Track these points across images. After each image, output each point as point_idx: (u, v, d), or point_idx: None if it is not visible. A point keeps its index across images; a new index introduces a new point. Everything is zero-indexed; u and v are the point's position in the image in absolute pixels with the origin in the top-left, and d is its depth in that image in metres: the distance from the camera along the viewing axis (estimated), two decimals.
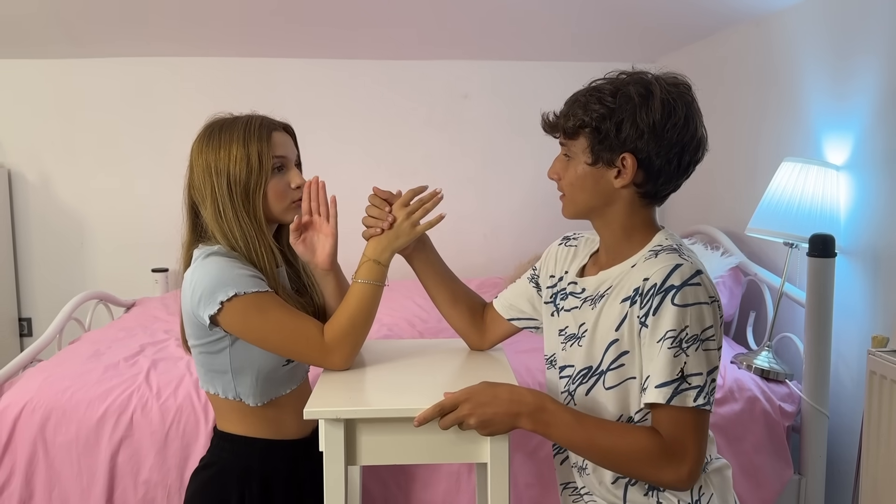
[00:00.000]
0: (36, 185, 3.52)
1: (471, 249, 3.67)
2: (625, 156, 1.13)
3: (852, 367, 2.11)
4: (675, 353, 1.06)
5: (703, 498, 1.15)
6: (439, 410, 1.12)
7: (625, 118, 1.11)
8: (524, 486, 1.86)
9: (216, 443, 1.41)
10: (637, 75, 1.16)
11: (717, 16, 2.81)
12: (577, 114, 1.15)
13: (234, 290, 1.26)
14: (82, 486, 1.79)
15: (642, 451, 1.07)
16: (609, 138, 1.13)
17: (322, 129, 3.57)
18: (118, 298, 2.98)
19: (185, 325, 1.36)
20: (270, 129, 1.36)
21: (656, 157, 1.13)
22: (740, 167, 2.82)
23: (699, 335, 1.07)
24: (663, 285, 1.08)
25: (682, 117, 1.12)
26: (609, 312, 1.16)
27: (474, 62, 3.60)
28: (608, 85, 1.15)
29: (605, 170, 1.15)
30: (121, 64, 3.47)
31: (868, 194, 2.06)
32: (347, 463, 1.16)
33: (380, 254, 1.35)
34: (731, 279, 2.51)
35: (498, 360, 1.44)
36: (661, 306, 1.07)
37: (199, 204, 1.35)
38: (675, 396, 1.06)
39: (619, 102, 1.12)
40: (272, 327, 1.28)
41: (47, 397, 1.84)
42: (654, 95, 1.11)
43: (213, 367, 1.34)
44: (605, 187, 1.17)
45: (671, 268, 1.09)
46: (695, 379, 1.06)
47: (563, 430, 1.10)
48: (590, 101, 1.14)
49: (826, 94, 2.26)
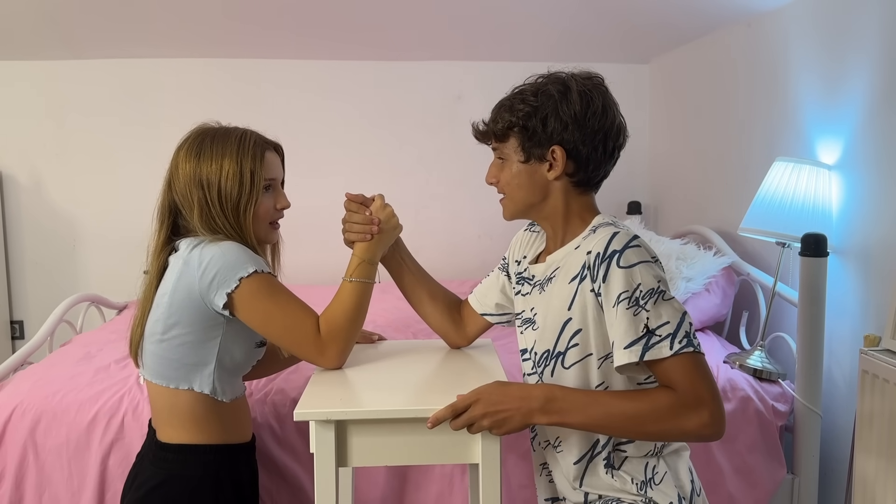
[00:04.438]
0: (28, 187, 3.50)
1: (465, 251, 3.67)
2: (554, 149, 1.21)
3: (845, 367, 2.11)
4: (634, 312, 1.09)
5: (656, 476, 1.19)
6: (452, 412, 1.12)
7: (549, 113, 1.20)
8: (518, 488, 1.86)
9: (170, 456, 1.36)
10: (554, 75, 1.26)
11: (709, 16, 2.82)
12: (504, 116, 1.25)
13: (253, 267, 1.28)
14: (73, 489, 1.78)
15: (662, 407, 1.08)
16: (537, 134, 1.21)
17: (315, 131, 3.56)
18: (110, 301, 2.97)
19: (160, 316, 1.32)
20: (264, 148, 1.37)
21: (582, 145, 1.21)
22: (732, 167, 2.82)
23: (655, 289, 1.10)
24: (606, 252, 1.13)
25: (599, 106, 1.21)
26: (559, 293, 1.21)
27: (467, 63, 3.60)
28: (529, 87, 1.25)
29: (538, 165, 1.24)
30: (113, 65, 3.46)
31: (860, 194, 2.07)
32: (338, 464, 1.16)
33: (372, 254, 1.38)
34: (724, 279, 2.51)
35: (489, 359, 1.43)
36: (608, 272, 1.12)
37: (184, 208, 1.34)
38: (647, 352, 1.08)
39: (541, 100, 1.21)
40: (279, 310, 1.30)
41: (38, 400, 1.83)
42: (571, 90, 1.21)
43: (193, 360, 1.32)
44: (539, 181, 1.25)
45: (609, 236, 1.14)
46: (663, 329, 1.08)
47: (579, 411, 1.11)
48: (514, 103, 1.24)
49: (818, 94, 2.26)
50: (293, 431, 1.79)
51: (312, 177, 3.49)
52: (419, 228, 3.55)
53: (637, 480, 1.19)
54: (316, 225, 3.30)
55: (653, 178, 3.66)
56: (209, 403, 1.35)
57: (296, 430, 1.79)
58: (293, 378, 1.89)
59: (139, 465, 1.43)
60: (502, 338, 2.22)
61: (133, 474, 1.44)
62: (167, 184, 1.37)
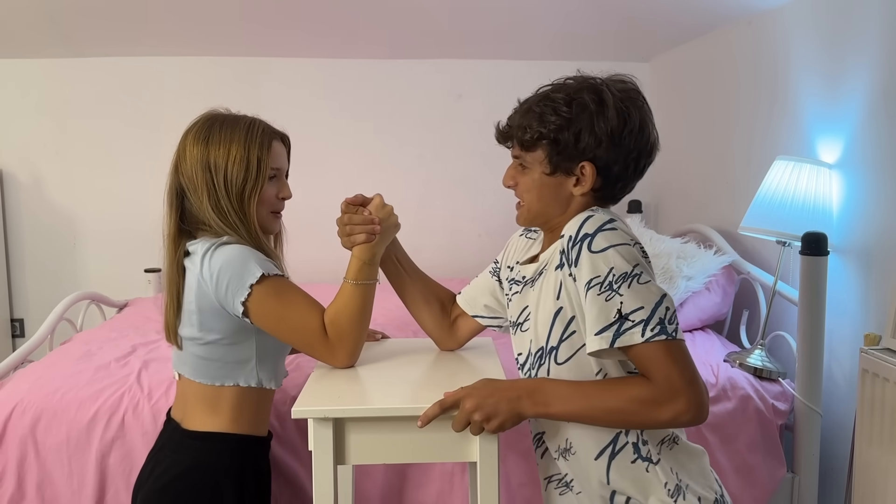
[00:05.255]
0: (28, 185, 3.50)
1: (465, 249, 3.67)
2: (584, 164, 1.14)
3: (845, 366, 2.11)
4: (606, 298, 1.05)
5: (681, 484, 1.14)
6: (440, 409, 1.12)
7: (583, 128, 1.12)
8: (517, 486, 1.86)
9: (196, 444, 1.37)
10: (587, 82, 1.16)
11: (710, 15, 2.81)
12: (533, 126, 1.15)
13: (260, 271, 1.28)
14: (73, 487, 1.78)
15: (635, 399, 1.05)
16: (568, 148, 1.14)
17: (316, 129, 3.56)
18: (110, 299, 2.97)
19: (194, 323, 1.33)
20: (272, 137, 1.37)
21: (614, 164, 1.14)
22: (733, 166, 2.82)
23: (629, 272, 1.06)
24: (577, 236, 1.09)
25: (637, 123, 1.14)
26: (547, 286, 1.17)
27: (467, 62, 3.60)
28: (561, 95, 1.14)
29: (564, 178, 1.17)
30: (113, 63, 3.46)
31: (860, 192, 2.06)
32: (336, 463, 1.16)
33: (373, 255, 1.36)
34: (725, 278, 2.51)
35: (488, 358, 1.43)
36: (579, 256, 1.08)
37: (190, 191, 1.35)
38: (617, 338, 1.04)
39: (575, 112, 1.12)
40: (287, 314, 1.30)
41: (38, 398, 1.83)
42: (607, 104, 1.12)
43: (235, 358, 1.34)
44: (563, 194, 1.18)
45: (583, 219, 1.11)
46: (637, 314, 1.04)
47: (562, 403, 1.09)
48: (545, 111, 1.14)
49: (818, 93, 2.26)
50: (293, 430, 1.79)
51: (312, 175, 3.49)
52: (419, 227, 3.55)
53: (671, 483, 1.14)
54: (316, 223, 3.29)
55: (653, 177, 3.62)
56: (253, 393, 1.38)
57: (296, 429, 1.79)
58: (294, 376, 1.89)
59: (156, 457, 1.42)
60: (502, 337, 2.21)
61: (149, 466, 1.42)
62: (174, 167, 1.38)
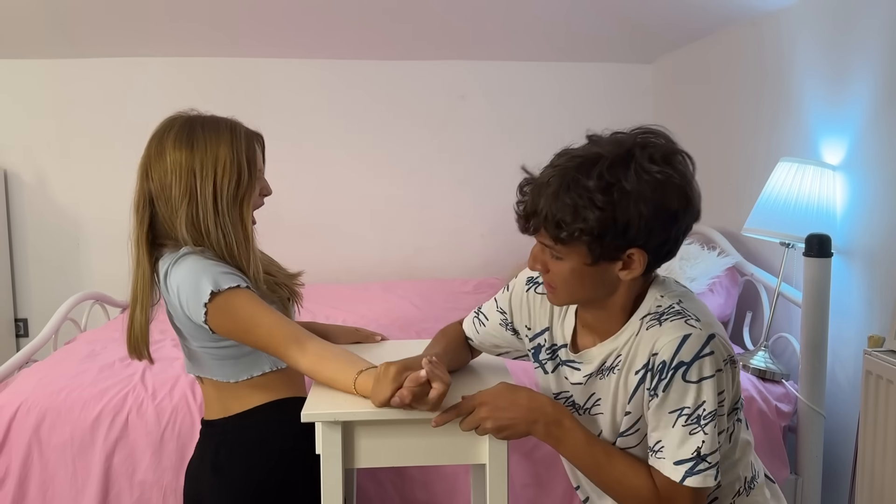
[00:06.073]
0: (32, 185, 3.51)
1: (468, 250, 3.67)
2: (632, 252, 1.03)
3: (848, 367, 2.11)
4: (691, 431, 1.02)
5: None
6: (456, 415, 1.12)
7: (630, 220, 0.99)
8: (521, 487, 1.86)
9: (252, 422, 1.32)
10: (617, 154, 1.00)
11: (713, 16, 2.81)
12: (567, 221, 0.99)
13: (209, 289, 1.22)
14: (77, 487, 1.79)
15: (637, 497, 1.07)
16: (614, 241, 1.01)
17: (317, 130, 3.56)
18: (114, 299, 2.97)
19: (189, 336, 1.31)
20: (253, 138, 1.35)
21: (665, 243, 1.04)
22: (736, 167, 2.82)
23: (717, 410, 1.03)
24: (673, 361, 1.02)
25: (686, 200, 1.02)
26: (621, 385, 1.11)
27: (471, 63, 3.60)
28: (591, 179, 0.99)
29: (608, 264, 1.05)
30: (117, 64, 3.46)
31: (864, 194, 2.06)
32: (345, 465, 1.16)
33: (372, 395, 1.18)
34: (728, 279, 2.51)
35: (496, 359, 1.43)
36: (671, 383, 1.02)
37: (162, 199, 1.28)
38: (689, 477, 1.03)
39: (617, 199, 0.98)
40: (252, 327, 1.24)
41: (42, 398, 1.83)
42: (650, 182, 0.99)
43: (254, 350, 1.30)
44: (608, 279, 1.07)
45: (679, 340, 1.02)
46: (712, 457, 1.03)
47: (573, 449, 1.11)
48: (578, 204, 0.99)
49: (822, 94, 2.26)
50: None
51: (314, 176, 3.49)
52: (422, 228, 3.54)
53: None
54: (318, 223, 3.31)
55: None
56: (282, 369, 1.34)
57: None
58: None
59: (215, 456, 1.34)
60: None
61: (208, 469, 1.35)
62: (143, 172, 1.30)
